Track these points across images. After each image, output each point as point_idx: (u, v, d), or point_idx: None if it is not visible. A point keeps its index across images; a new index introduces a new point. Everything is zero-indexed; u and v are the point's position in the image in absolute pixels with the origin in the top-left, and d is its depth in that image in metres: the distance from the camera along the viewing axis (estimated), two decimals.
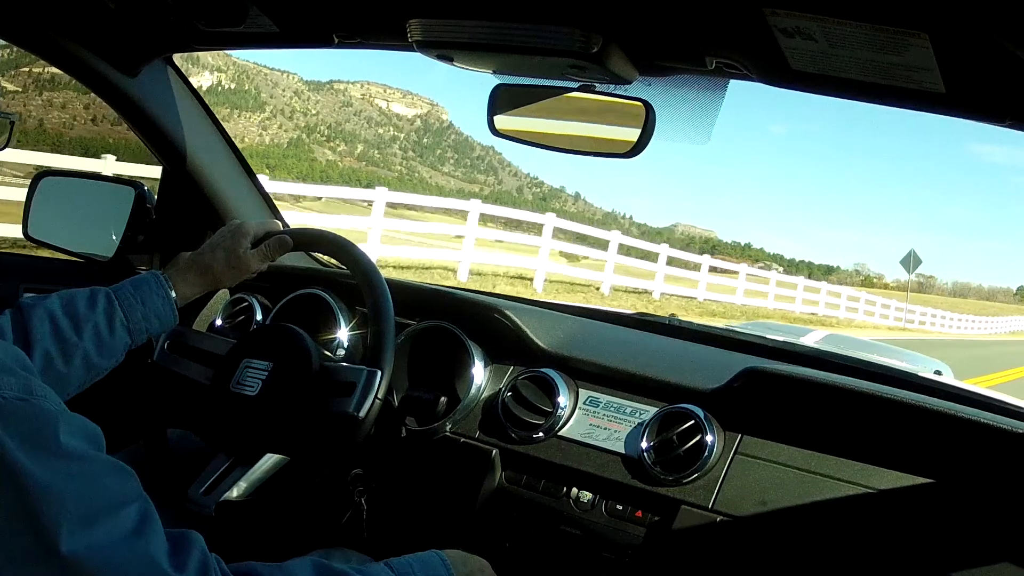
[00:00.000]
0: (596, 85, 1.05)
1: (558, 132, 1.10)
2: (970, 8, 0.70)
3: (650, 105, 1.03)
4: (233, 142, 1.66)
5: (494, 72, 1.10)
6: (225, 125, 1.67)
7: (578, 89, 1.06)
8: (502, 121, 1.12)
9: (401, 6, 1.02)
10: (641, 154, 1.04)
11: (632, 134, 1.04)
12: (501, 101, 1.11)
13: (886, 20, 0.74)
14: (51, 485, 0.57)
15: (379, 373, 1.08)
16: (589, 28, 0.92)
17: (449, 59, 1.06)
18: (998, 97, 0.84)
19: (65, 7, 1.27)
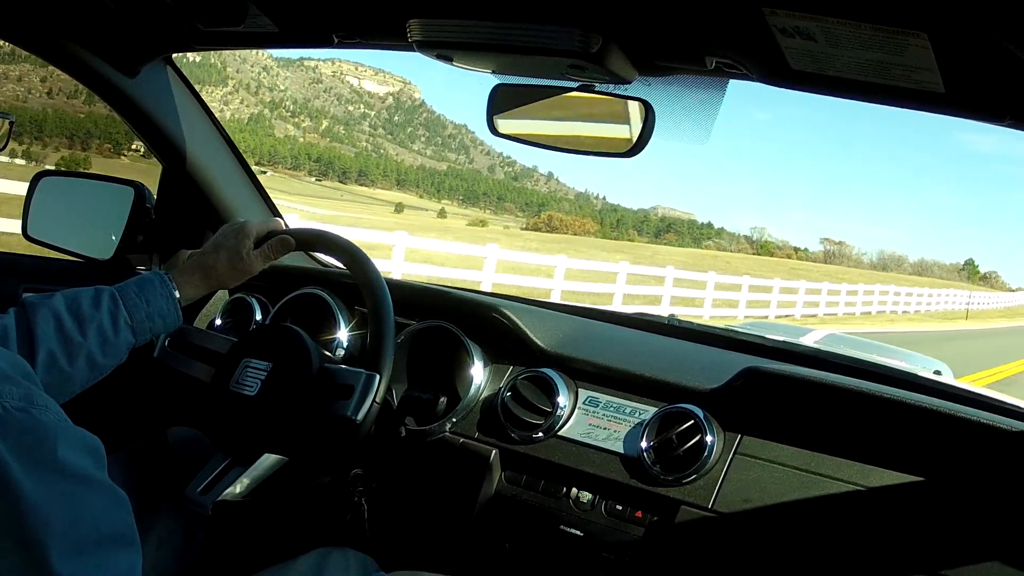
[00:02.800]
0: (596, 85, 1.05)
1: (558, 132, 1.11)
2: (970, 8, 0.70)
3: (650, 105, 1.03)
4: (233, 141, 1.66)
5: (494, 72, 1.10)
6: None
7: (578, 89, 1.06)
8: (502, 121, 1.12)
9: (401, 6, 1.02)
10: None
11: (632, 134, 1.04)
12: (501, 101, 1.11)
13: (885, 20, 0.74)
14: (40, 501, 0.57)
15: (377, 377, 1.09)
16: (588, 28, 0.92)
17: (449, 59, 1.06)
18: (998, 97, 0.84)
19: (65, 7, 1.27)
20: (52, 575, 0.56)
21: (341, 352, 1.45)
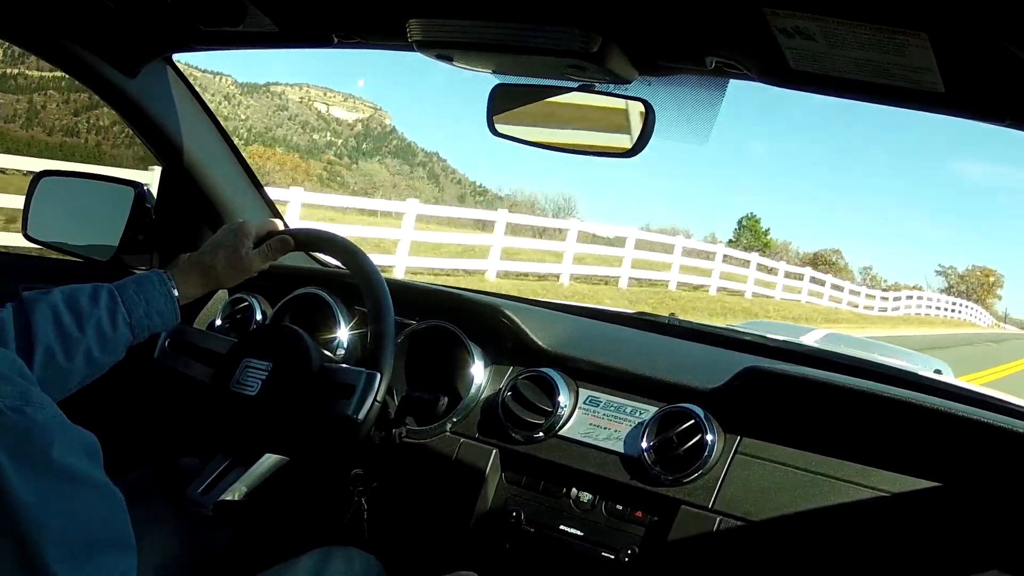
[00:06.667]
0: (596, 85, 1.04)
1: (557, 132, 1.10)
2: (970, 8, 0.70)
3: (650, 105, 1.03)
4: (232, 142, 1.66)
5: (494, 72, 1.09)
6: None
7: (578, 89, 1.06)
8: (501, 121, 1.12)
9: (400, 6, 1.02)
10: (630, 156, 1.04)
11: (631, 134, 1.04)
12: (500, 101, 1.11)
13: (886, 20, 0.74)
14: (34, 503, 0.57)
15: (378, 376, 1.09)
16: (589, 28, 0.92)
17: (449, 59, 1.06)
18: (997, 97, 0.84)
19: (65, 7, 1.27)
20: (54, 573, 0.56)
21: (341, 352, 1.45)
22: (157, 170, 1.69)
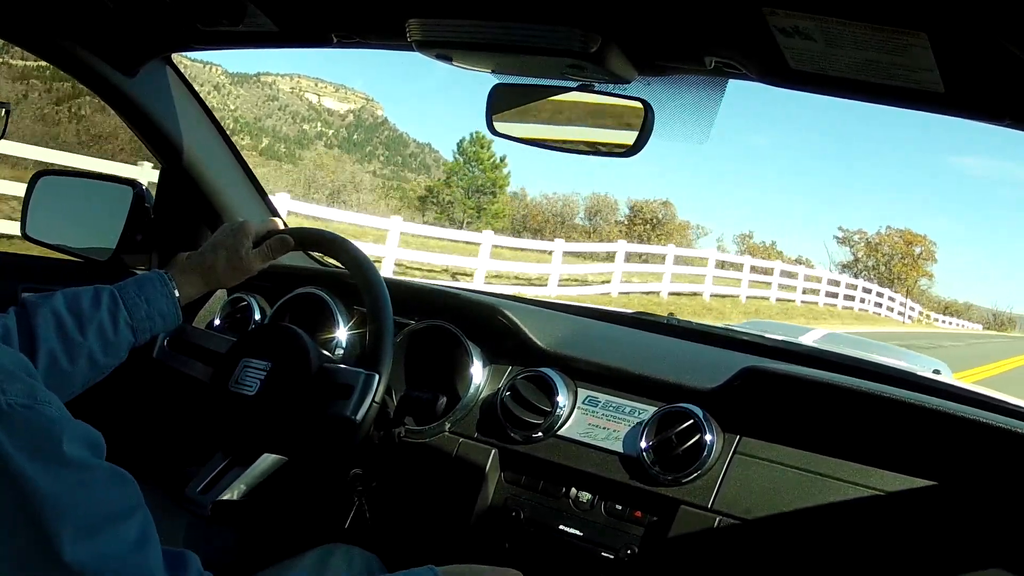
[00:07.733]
0: (595, 85, 1.04)
1: (556, 132, 1.10)
2: (969, 8, 0.70)
3: (649, 104, 1.02)
4: (231, 141, 1.66)
5: (493, 71, 1.09)
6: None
7: (577, 89, 1.06)
8: (501, 121, 1.12)
9: (400, 5, 1.02)
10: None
11: (631, 133, 1.04)
12: (499, 101, 1.11)
13: (885, 20, 0.74)
14: (52, 493, 0.58)
15: (376, 377, 1.09)
16: (588, 28, 0.92)
17: (448, 59, 1.06)
18: (996, 97, 0.84)
19: (64, 6, 1.27)
20: (63, 562, 0.58)
21: (340, 352, 1.45)
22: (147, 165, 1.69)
